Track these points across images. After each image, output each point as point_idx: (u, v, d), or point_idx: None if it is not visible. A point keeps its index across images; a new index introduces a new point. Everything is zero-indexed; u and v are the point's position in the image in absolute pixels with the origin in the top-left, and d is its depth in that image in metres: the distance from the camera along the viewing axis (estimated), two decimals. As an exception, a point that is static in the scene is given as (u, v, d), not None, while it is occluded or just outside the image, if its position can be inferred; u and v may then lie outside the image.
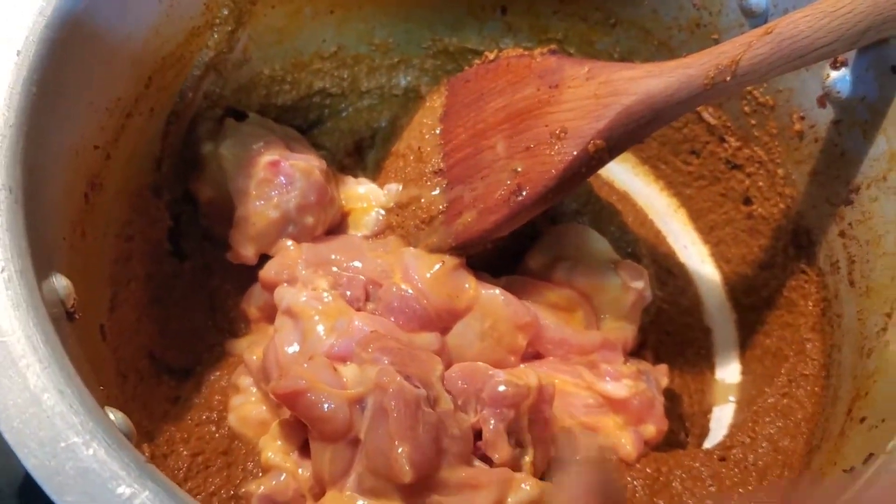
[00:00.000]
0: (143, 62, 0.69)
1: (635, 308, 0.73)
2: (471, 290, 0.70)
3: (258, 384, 0.70)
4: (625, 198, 0.90)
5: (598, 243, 0.76)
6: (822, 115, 0.70)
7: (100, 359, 0.61)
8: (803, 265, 0.75)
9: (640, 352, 0.75)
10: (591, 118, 0.67)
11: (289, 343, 0.67)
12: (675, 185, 0.90)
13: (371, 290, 0.71)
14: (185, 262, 0.78)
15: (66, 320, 0.53)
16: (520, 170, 0.70)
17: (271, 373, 0.66)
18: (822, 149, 0.71)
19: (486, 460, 0.62)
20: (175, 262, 0.77)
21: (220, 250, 0.77)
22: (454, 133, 0.78)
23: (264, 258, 0.74)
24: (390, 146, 0.84)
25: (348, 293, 0.70)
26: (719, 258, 0.87)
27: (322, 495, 0.61)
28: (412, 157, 0.79)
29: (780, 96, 0.74)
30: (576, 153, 0.67)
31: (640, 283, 0.72)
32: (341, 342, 0.65)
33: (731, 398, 0.77)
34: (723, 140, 0.82)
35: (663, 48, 0.82)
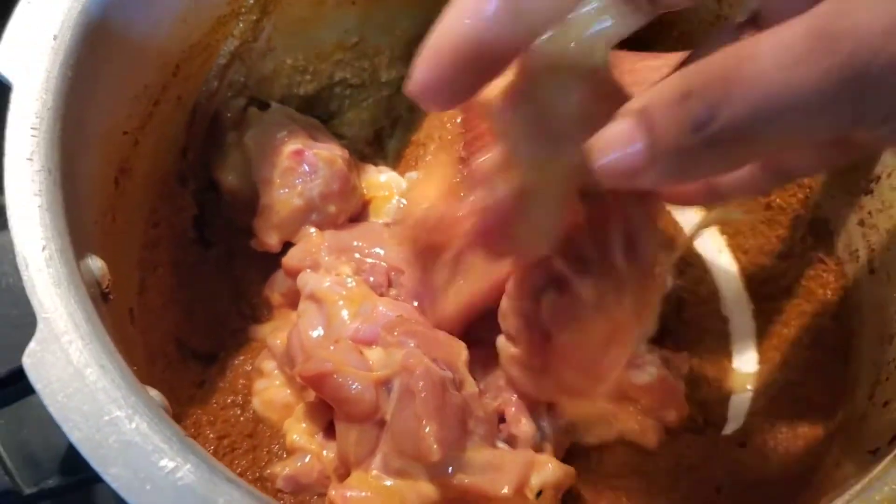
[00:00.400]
0: (171, 50, 0.70)
1: (656, 295, 0.73)
2: (492, 277, 0.71)
3: (282, 368, 0.71)
4: (642, 189, 0.90)
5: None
6: (842, 106, 0.70)
7: (130, 341, 0.62)
8: (821, 254, 0.75)
9: (660, 339, 0.75)
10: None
11: (313, 327, 0.68)
12: (693, 177, 0.90)
13: (393, 277, 0.72)
14: (209, 250, 0.79)
15: (102, 301, 0.54)
16: (542, 158, 0.71)
17: (296, 357, 0.67)
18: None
19: (509, 444, 0.64)
20: (200, 250, 0.78)
21: (243, 238, 0.78)
22: (475, 122, 0.78)
23: (287, 245, 0.75)
24: (410, 135, 0.85)
25: (371, 279, 0.71)
26: (736, 248, 0.87)
27: (346, 476, 0.62)
28: (432, 146, 0.80)
29: (799, 87, 0.74)
30: (598, 141, 0.68)
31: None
32: (366, 326, 0.65)
33: (749, 387, 0.78)
34: (741, 131, 0.83)
35: (684, 38, 0.82)
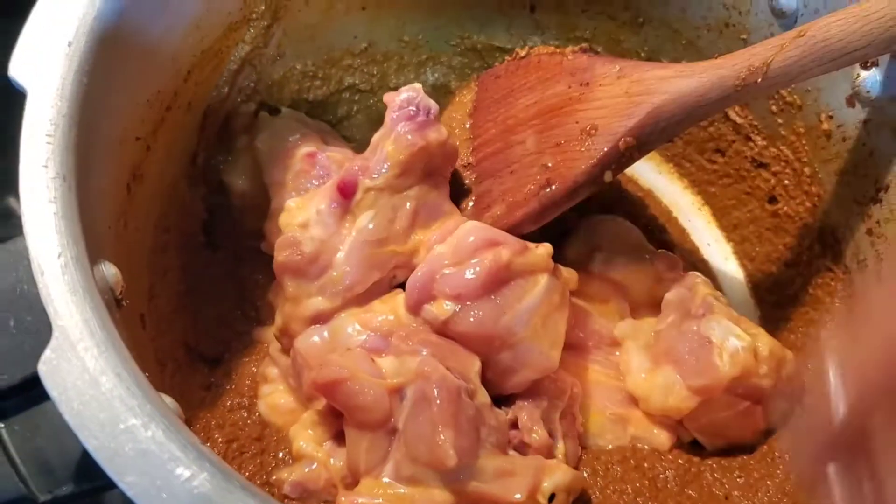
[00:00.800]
0: (183, 56, 0.70)
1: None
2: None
3: (286, 380, 0.71)
4: (649, 195, 0.91)
5: (633, 234, 0.77)
6: (850, 115, 0.70)
7: (141, 347, 0.62)
8: (829, 263, 0.76)
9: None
10: (622, 116, 0.68)
11: (316, 341, 0.68)
12: (700, 184, 0.91)
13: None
14: (217, 253, 0.79)
15: (115, 307, 0.54)
16: (549, 165, 0.71)
17: (301, 370, 0.67)
18: (851, 148, 0.71)
19: (520, 452, 0.64)
20: (208, 254, 0.78)
21: (251, 241, 0.78)
22: (484, 128, 0.79)
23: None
24: (418, 140, 0.85)
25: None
26: (742, 256, 0.88)
27: (355, 485, 0.62)
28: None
29: (808, 96, 0.75)
30: (606, 150, 0.68)
31: (675, 274, 0.74)
32: (374, 337, 0.66)
33: (756, 394, 0.78)
34: (749, 139, 0.83)
35: (691, 48, 0.83)
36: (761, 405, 0.68)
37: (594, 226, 0.79)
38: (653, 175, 0.92)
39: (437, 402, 0.58)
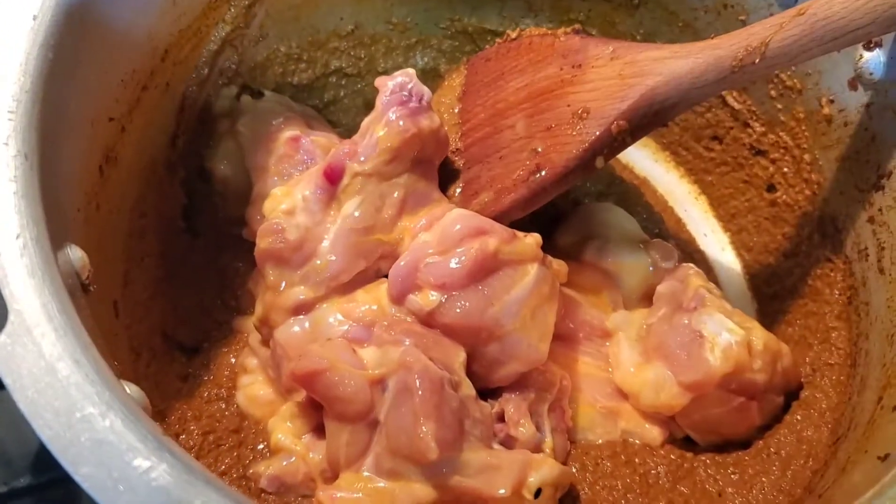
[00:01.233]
0: (159, 34, 0.68)
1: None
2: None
3: (265, 371, 0.69)
4: (644, 184, 0.88)
5: (628, 223, 0.75)
6: (852, 99, 0.68)
7: (113, 335, 0.60)
8: (829, 253, 0.73)
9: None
10: (615, 99, 0.66)
11: (296, 332, 0.66)
12: (697, 172, 0.88)
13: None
14: (197, 240, 0.76)
15: (81, 292, 0.52)
16: (540, 150, 0.69)
17: (281, 362, 0.65)
18: (852, 133, 0.69)
19: (506, 446, 0.62)
20: (188, 240, 0.76)
21: (232, 228, 0.76)
22: (473, 112, 0.76)
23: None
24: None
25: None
26: (740, 246, 0.85)
27: (334, 479, 0.60)
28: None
29: (808, 79, 0.72)
30: (598, 133, 0.66)
31: (670, 263, 0.71)
32: (356, 327, 0.64)
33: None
34: (747, 125, 0.81)
35: (688, 30, 0.80)
36: (756, 401, 0.65)
37: (587, 213, 0.77)
38: (648, 163, 0.90)
39: (420, 392, 0.56)
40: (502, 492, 0.57)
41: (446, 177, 0.73)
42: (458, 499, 0.57)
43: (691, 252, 0.86)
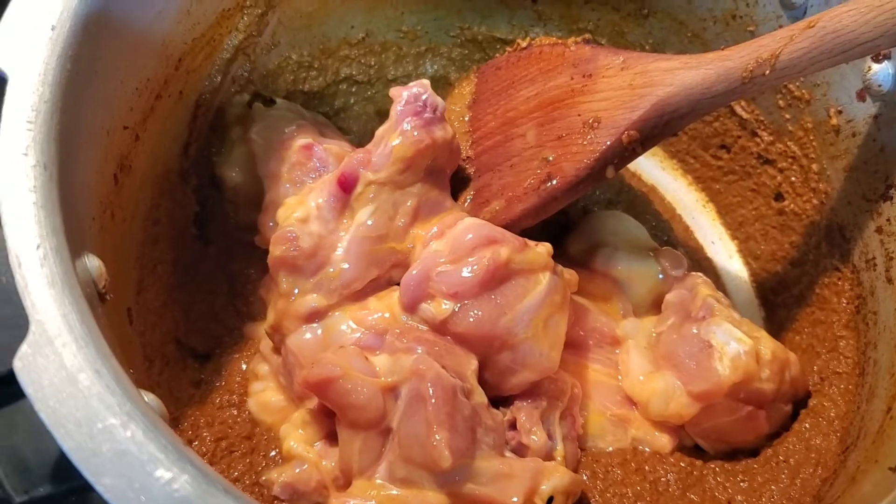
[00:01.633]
0: (173, 43, 0.68)
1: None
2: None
3: (276, 378, 0.69)
4: (652, 191, 0.89)
5: (637, 231, 0.75)
6: (860, 110, 0.69)
7: (127, 343, 0.61)
8: (836, 262, 0.73)
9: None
10: (626, 109, 0.66)
11: (308, 339, 0.66)
12: (704, 180, 0.89)
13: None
14: (209, 247, 0.77)
15: (99, 301, 0.52)
16: (550, 159, 0.69)
17: (293, 369, 0.65)
18: (860, 144, 0.69)
19: (518, 454, 0.62)
20: (200, 247, 0.76)
21: (244, 235, 0.76)
22: (483, 120, 0.77)
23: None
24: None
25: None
26: (747, 254, 0.86)
27: (347, 486, 0.60)
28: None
29: (816, 90, 0.72)
30: (609, 143, 0.66)
31: (679, 271, 0.72)
32: (369, 335, 0.64)
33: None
34: (755, 134, 0.81)
35: (696, 40, 0.81)
36: (764, 409, 0.66)
37: (597, 221, 0.78)
38: (657, 171, 0.90)
39: (432, 401, 0.57)
40: (515, 500, 0.57)
41: (456, 184, 0.74)
42: (470, 506, 0.57)
43: (699, 260, 0.86)
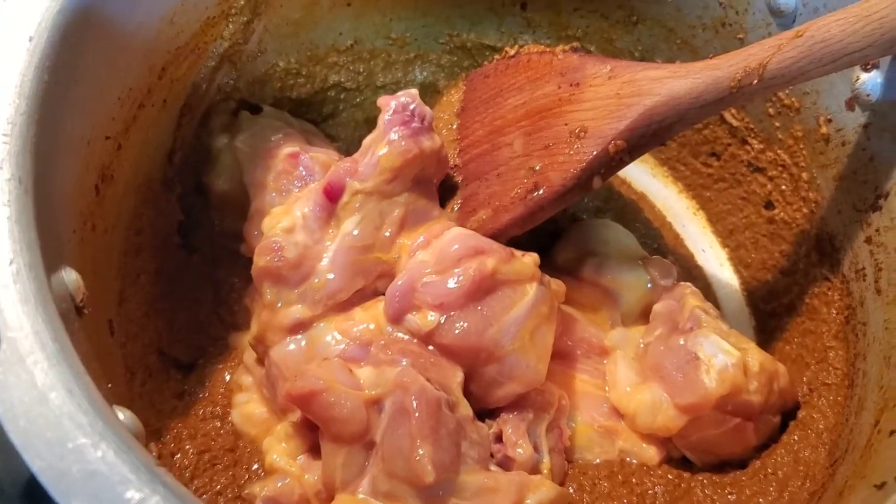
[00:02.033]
0: (157, 52, 0.67)
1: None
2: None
3: (259, 390, 0.69)
4: (642, 199, 0.88)
5: (626, 239, 0.75)
6: (850, 119, 0.68)
7: (107, 355, 0.60)
8: (826, 272, 0.73)
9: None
10: (613, 118, 0.65)
11: (293, 350, 0.66)
12: (695, 188, 0.88)
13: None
14: (193, 256, 0.76)
15: (75, 315, 0.51)
16: (537, 168, 0.69)
17: (276, 381, 0.65)
18: (850, 153, 0.69)
19: (503, 467, 0.62)
20: (184, 256, 0.75)
21: (229, 243, 0.76)
22: (471, 128, 0.76)
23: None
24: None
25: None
26: (738, 263, 0.85)
27: (330, 500, 0.59)
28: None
29: (806, 98, 0.72)
30: (595, 153, 0.66)
31: (669, 281, 0.71)
32: (353, 346, 0.63)
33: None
34: (745, 142, 0.81)
35: (686, 47, 0.80)
36: (752, 421, 0.65)
37: (586, 230, 0.77)
38: (646, 178, 0.90)
39: (416, 414, 0.56)
40: (499, 514, 0.56)
41: (444, 192, 0.73)
42: (454, 521, 0.57)
43: (690, 268, 0.85)
